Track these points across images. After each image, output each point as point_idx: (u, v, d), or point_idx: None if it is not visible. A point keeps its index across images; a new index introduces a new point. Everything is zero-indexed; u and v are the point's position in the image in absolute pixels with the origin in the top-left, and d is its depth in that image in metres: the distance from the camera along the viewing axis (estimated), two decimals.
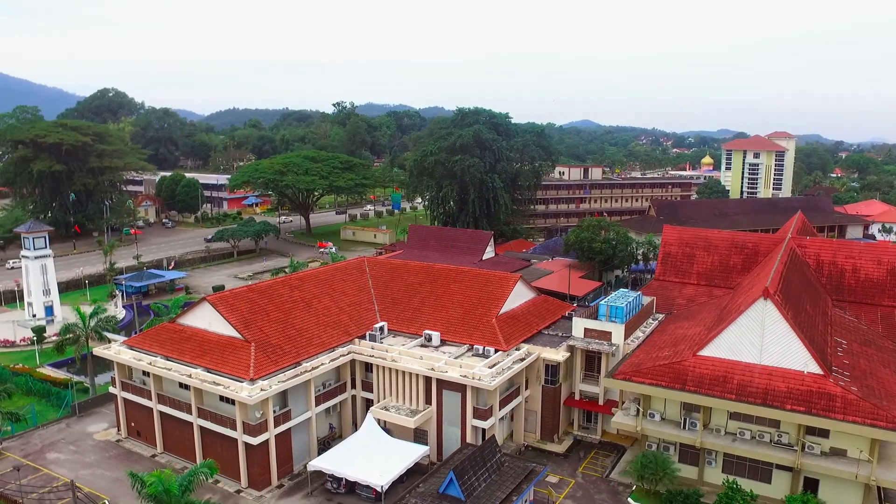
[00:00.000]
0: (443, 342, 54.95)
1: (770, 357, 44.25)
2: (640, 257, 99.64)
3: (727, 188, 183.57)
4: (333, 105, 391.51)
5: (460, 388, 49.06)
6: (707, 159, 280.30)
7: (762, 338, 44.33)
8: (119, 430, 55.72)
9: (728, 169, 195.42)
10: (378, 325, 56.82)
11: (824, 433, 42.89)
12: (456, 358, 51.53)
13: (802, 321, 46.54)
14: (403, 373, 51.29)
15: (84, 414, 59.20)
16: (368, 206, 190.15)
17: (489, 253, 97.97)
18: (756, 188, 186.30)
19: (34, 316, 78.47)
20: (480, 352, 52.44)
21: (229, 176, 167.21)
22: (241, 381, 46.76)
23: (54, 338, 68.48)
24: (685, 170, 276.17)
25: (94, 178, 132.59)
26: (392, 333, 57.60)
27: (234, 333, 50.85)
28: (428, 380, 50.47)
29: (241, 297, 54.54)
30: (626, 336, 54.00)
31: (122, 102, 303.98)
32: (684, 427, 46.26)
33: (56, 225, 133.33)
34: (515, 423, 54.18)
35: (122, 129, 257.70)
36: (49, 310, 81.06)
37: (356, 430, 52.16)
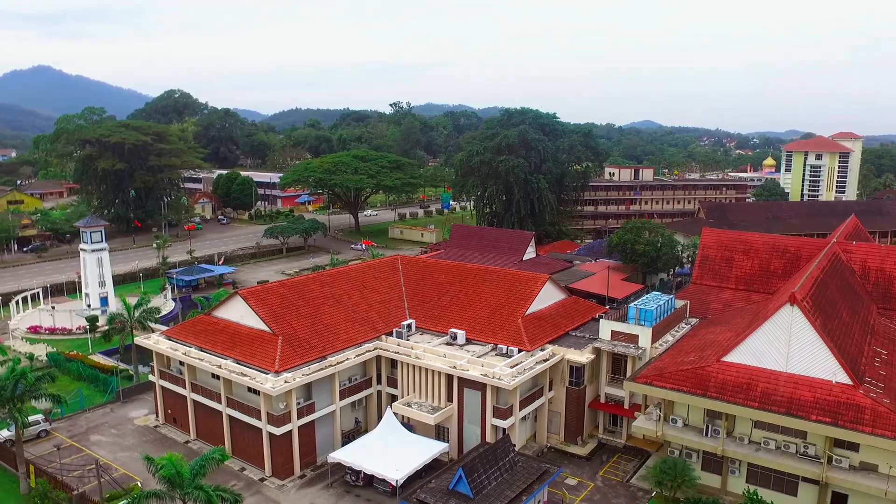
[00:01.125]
0: (468, 341, 55.25)
1: (796, 365, 42.83)
2: (685, 260, 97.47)
3: (786, 191, 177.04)
4: (390, 105, 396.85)
5: (481, 386, 49.28)
6: (769, 161, 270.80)
7: (788, 345, 42.95)
8: (157, 416, 58.24)
9: (788, 171, 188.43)
10: (406, 323, 57.54)
11: (854, 446, 41.25)
12: (479, 357, 51.78)
13: (834, 329, 44.84)
14: (426, 370, 51.86)
15: (127, 400, 62.05)
16: (417, 207, 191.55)
17: (530, 253, 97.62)
18: (818, 191, 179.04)
19: (89, 306, 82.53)
20: (504, 351, 52.54)
21: (281, 174, 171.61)
22: (267, 373, 48.21)
23: (106, 327, 72.15)
24: (746, 171, 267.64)
25: (153, 175, 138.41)
26: (420, 331, 58.24)
27: (263, 327, 52.45)
28: (450, 378, 50.89)
29: (272, 292, 56.20)
30: (655, 340, 53.13)
31: (187, 103, 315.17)
32: (707, 434, 45.23)
33: (118, 220, 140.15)
34: (539, 423, 54.02)
35: (185, 129, 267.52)
36: (104, 300, 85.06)
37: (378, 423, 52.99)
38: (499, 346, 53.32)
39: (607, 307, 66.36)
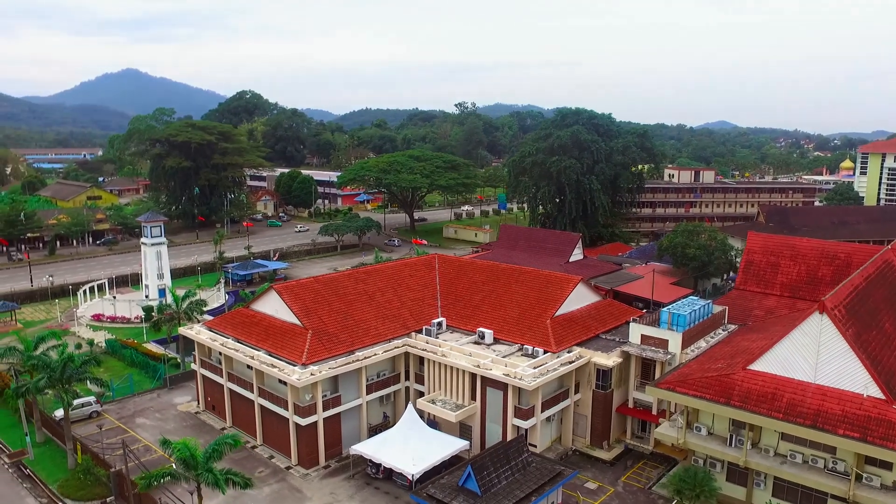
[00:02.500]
0: (496, 340, 55.44)
1: (825, 376, 41.06)
2: (739, 265, 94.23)
3: (861, 195, 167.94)
4: (455, 105, 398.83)
5: (503, 386, 49.41)
6: (846, 163, 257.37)
7: (817, 355, 41.21)
8: (198, 403, 60.97)
9: (864, 174, 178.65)
10: (436, 321, 58.21)
11: (887, 464, 39.23)
12: (504, 357, 51.90)
13: (871, 340, 42.72)
14: (451, 368, 52.34)
15: (174, 387, 65.15)
16: (465, 206, 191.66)
17: (577, 255, 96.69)
18: None
19: (147, 297, 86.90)
20: (529, 352, 52.48)
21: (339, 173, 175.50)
22: (295, 365, 49.81)
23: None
24: (821, 174, 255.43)
25: (216, 173, 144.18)
26: (450, 329, 58.77)
27: (295, 320, 54.16)
28: (473, 376, 51.21)
29: (307, 287, 57.91)
30: (686, 345, 51.93)
31: (257, 104, 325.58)
32: (731, 444, 43.93)
33: (184, 216, 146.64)
34: (564, 426, 53.65)
35: (254, 129, 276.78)
36: (161, 292, 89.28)
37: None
38: (525, 346, 53.31)
39: (644, 311, 65.03)
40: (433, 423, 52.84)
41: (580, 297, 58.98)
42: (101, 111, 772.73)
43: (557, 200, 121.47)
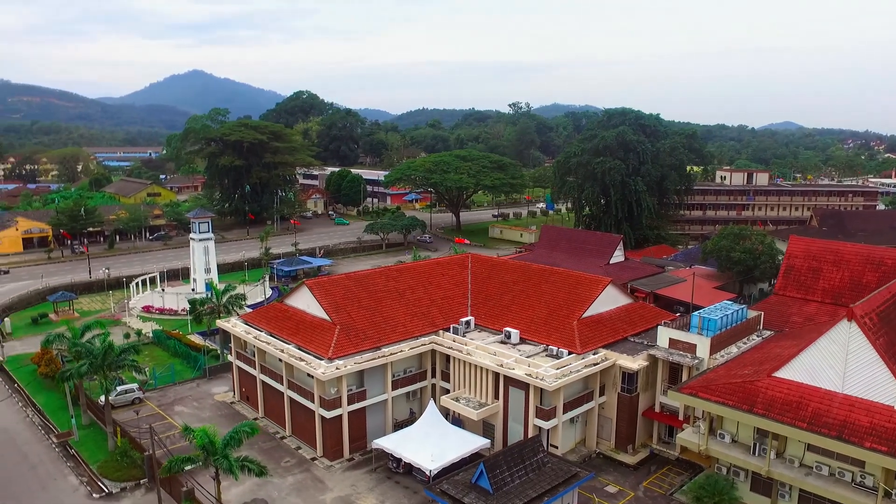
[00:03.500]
0: (522, 340, 55.49)
1: (853, 386, 39.66)
2: None
3: None
4: (509, 105, 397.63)
5: (524, 386, 49.48)
6: None
7: (845, 364, 39.85)
8: (234, 393, 63.08)
9: None
10: (465, 320, 58.64)
11: None
12: (528, 357, 51.93)
13: None
14: (475, 366, 52.69)
15: (213, 377, 67.51)
16: (522, 207, 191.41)
17: (618, 257, 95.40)
18: None
19: (193, 290, 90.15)
20: (554, 352, 52.36)
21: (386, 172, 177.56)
22: (321, 359, 51.07)
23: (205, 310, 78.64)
24: (890, 177, 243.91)
25: (267, 172, 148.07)
26: (478, 328, 59.11)
27: (324, 316, 55.45)
28: (496, 375, 51.44)
29: (338, 284, 59.17)
30: (716, 350, 50.87)
31: (313, 104, 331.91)
32: (754, 452, 42.90)
33: (236, 213, 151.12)
34: (589, 428, 53.29)
35: (309, 129, 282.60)
36: (208, 286, 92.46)
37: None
38: (550, 347, 53.21)
39: (677, 315, 63.87)
40: (458, 420, 53.32)
41: (610, 299, 58.41)
42: (167, 111, 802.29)
43: (603, 202, 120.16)
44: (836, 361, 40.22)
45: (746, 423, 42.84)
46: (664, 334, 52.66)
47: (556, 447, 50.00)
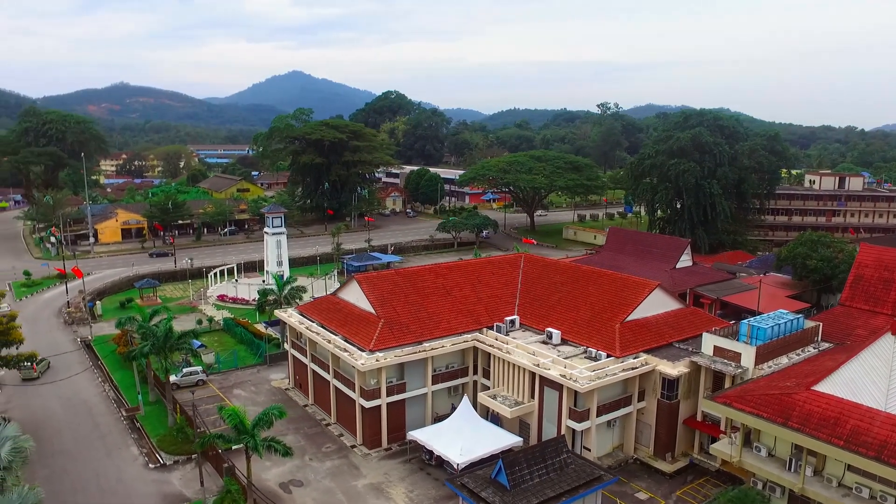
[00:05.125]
0: (563, 341, 55.39)
1: None
2: None
3: None
4: (597, 106, 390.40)
5: (559, 386, 49.50)
6: None
7: (889, 380, 37.66)
8: (289, 380, 66.24)
9: None
10: (509, 319, 59.10)
11: None
12: (566, 357, 51.87)
13: None
14: (513, 365, 53.15)
15: (272, 364, 71.04)
16: (601, 209, 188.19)
17: (685, 261, 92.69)
18: None
19: (264, 281, 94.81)
20: (592, 355, 52.05)
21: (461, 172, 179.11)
22: (363, 351, 53.01)
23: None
24: None
25: (346, 170, 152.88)
26: (523, 328, 59.43)
27: (370, 309, 57.40)
28: (533, 375, 51.71)
29: (386, 279, 61.06)
30: (763, 360, 49.03)
31: (401, 103, 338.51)
32: (790, 468, 41.21)
33: (317, 210, 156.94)
34: (627, 433, 52.58)
35: (395, 128, 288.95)
36: (287, 279, 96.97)
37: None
38: (589, 349, 52.89)
39: (732, 322, 61.65)
40: (496, 418, 53.93)
41: (657, 303, 57.32)
42: (267, 110, 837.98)
43: (678, 205, 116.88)
44: (879, 377, 38.09)
45: (782, 438, 41.22)
46: (709, 341, 51.24)
47: (589, 450, 49.68)
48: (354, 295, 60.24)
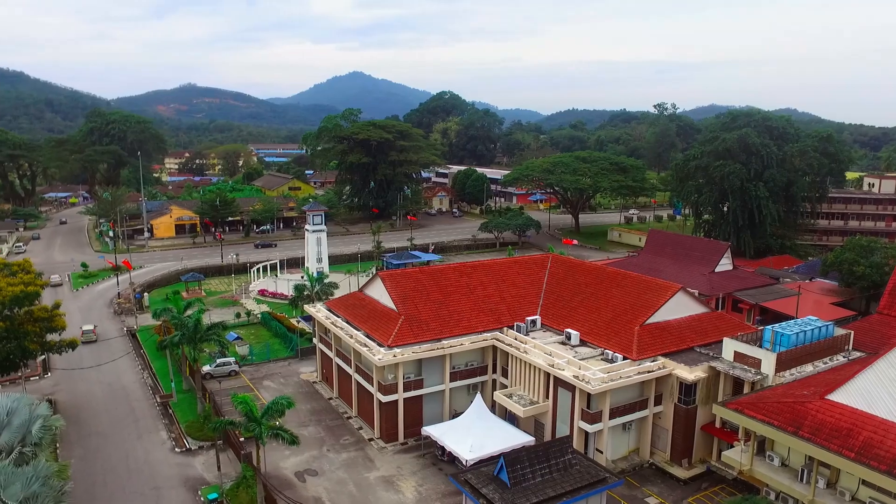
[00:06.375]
0: (582, 342, 55.18)
1: None
2: None
3: None
4: (654, 106, 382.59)
5: (571, 387, 49.40)
6: None
7: None
8: (317, 374, 68.00)
9: None
10: (530, 319, 59.18)
11: None
12: (582, 359, 51.68)
13: None
14: (530, 365, 53.29)
15: (303, 358, 72.98)
16: (649, 211, 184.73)
17: (725, 265, 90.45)
18: None
19: (302, 277, 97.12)
20: (609, 357, 51.71)
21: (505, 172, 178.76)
22: (381, 347, 54.10)
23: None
24: None
25: (392, 169, 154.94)
26: (544, 328, 59.41)
27: (392, 306, 58.46)
28: (548, 375, 51.74)
29: (409, 277, 62.01)
30: (785, 367, 47.78)
31: (455, 104, 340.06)
32: (802, 479, 40.12)
33: (363, 208, 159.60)
34: (643, 437, 51.99)
35: (448, 128, 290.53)
36: (319, 274, 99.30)
37: (493, 411, 55.70)
38: (606, 350, 52.56)
39: (758, 327, 60.04)
40: (513, 417, 54.18)
41: (680, 307, 56.41)
42: (327, 110, 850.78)
43: (724, 208, 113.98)
44: (895, 388, 36.73)
45: (794, 447, 40.16)
46: (729, 346, 50.22)
47: (602, 452, 49.41)
48: (378, 291, 61.41)
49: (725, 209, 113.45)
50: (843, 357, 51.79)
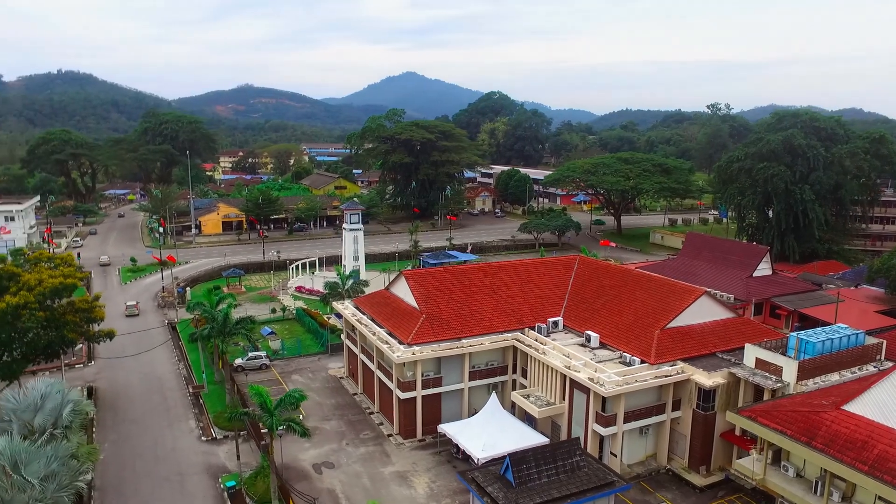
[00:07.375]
0: (601, 345, 54.93)
1: None
2: None
3: None
4: (707, 107, 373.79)
5: (587, 390, 49.27)
6: None
7: None
8: (344, 369, 69.45)
9: None
10: (552, 320, 59.16)
11: None
12: (600, 361, 51.46)
13: None
14: (547, 366, 53.35)
15: (333, 354, 74.56)
16: (694, 214, 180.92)
17: (763, 270, 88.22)
18: None
19: (336, 276, 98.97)
20: (626, 360, 51.34)
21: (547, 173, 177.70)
22: (402, 344, 55.01)
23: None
24: None
25: (434, 169, 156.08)
26: (565, 329, 59.30)
27: (415, 304, 59.30)
28: (564, 377, 51.71)
29: (433, 276, 62.73)
30: (808, 376, 46.68)
31: (503, 104, 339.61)
32: (816, 491, 39.15)
33: (405, 207, 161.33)
34: (660, 442, 51.42)
35: (496, 129, 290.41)
36: (356, 272, 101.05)
37: (513, 411, 56.01)
38: (625, 353, 52.18)
39: (785, 333, 58.44)
40: (530, 417, 54.32)
41: (704, 311, 55.50)
42: (380, 110, 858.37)
43: (769, 212, 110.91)
44: None
45: (807, 458, 39.20)
46: (751, 353, 49.31)
47: (615, 455, 49.12)
48: (403, 290, 62.34)
49: (770, 213, 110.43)
50: (874, 367, 50.11)
